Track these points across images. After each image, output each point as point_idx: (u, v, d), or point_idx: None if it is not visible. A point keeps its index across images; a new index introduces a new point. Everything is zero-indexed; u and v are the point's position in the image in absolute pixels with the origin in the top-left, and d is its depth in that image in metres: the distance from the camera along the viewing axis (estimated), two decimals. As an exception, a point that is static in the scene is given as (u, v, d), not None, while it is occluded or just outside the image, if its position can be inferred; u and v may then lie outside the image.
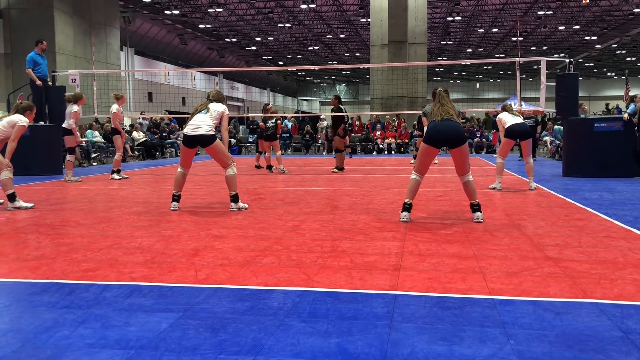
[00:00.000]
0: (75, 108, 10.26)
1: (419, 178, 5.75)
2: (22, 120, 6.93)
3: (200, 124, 6.40)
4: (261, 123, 12.44)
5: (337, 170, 11.96)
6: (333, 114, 12.11)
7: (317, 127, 23.53)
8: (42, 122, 12.03)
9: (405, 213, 5.68)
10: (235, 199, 6.50)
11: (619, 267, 3.77)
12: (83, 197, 7.92)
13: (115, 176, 10.68)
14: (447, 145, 5.67)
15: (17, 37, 21.31)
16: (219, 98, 6.81)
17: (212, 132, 6.42)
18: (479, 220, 5.59)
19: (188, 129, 6.45)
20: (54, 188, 9.21)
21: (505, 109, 8.67)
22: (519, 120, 8.32)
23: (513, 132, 8.25)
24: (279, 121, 12.41)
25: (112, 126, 10.92)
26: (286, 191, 8.47)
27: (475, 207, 5.66)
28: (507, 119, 8.34)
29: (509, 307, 2.97)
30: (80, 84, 13.51)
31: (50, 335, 2.63)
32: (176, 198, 6.64)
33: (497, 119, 8.75)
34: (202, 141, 6.41)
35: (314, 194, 8.12)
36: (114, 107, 10.66)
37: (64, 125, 10.32)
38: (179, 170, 6.63)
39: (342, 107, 12.21)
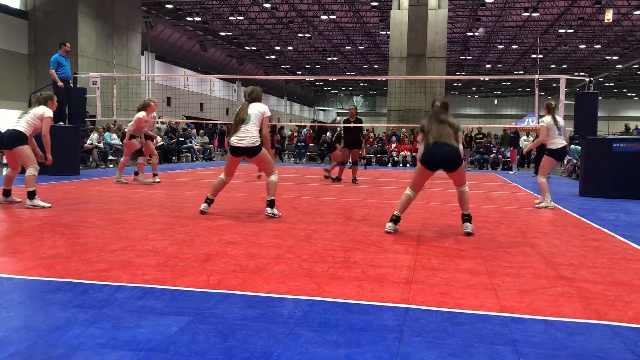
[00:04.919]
0: (140, 114, 10.21)
1: (412, 195, 5.72)
2: (47, 111, 7.05)
3: (245, 135, 6.35)
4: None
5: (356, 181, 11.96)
6: (353, 125, 12.04)
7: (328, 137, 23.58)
8: (61, 123, 12.19)
9: (390, 224, 5.68)
10: (272, 204, 6.52)
11: (634, 289, 3.72)
12: (99, 199, 8.00)
13: (141, 179, 10.65)
14: (442, 169, 5.62)
15: (41, 39, 21.68)
16: (256, 96, 6.64)
17: (257, 143, 6.36)
18: (468, 230, 5.57)
19: (234, 140, 6.40)
20: (71, 188, 9.32)
21: (550, 109, 8.14)
22: (564, 142, 8.13)
23: (563, 154, 8.14)
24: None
25: (146, 130, 10.73)
26: (300, 200, 8.48)
27: (465, 218, 5.66)
28: (555, 139, 8.05)
29: (520, 325, 2.94)
30: (101, 86, 13.67)
31: (62, 333, 2.65)
32: (208, 201, 6.65)
33: (541, 125, 8.17)
34: (247, 152, 6.39)
35: (328, 204, 8.12)
36: (142, 114, 10.31)
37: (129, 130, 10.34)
38: (221, 176, 6.64)
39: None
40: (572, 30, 37.28)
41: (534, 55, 45.35)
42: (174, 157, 20.03)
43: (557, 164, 8.33)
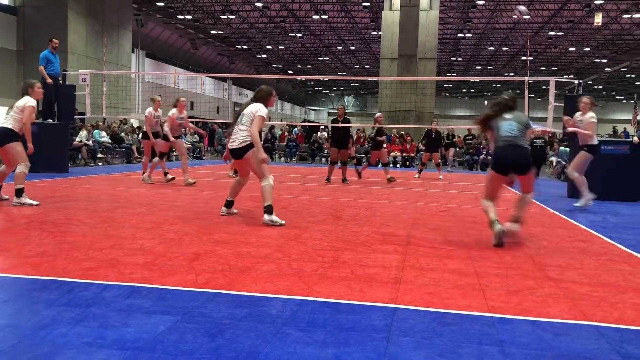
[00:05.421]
0: (170, 112, 9.95)
1: (490, 202, 5.38)
2: (29, 101, 6.89)
3: (236, 136, 6.18)
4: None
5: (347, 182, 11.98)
6: (341, 124, 12.05)
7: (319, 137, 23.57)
8: (50, 120, 12.10)
9: (498, 227, 5.15)
10: (269, 210, 6.01)
11: (620, 290, 3.75)
12: (87, 197, 7.95)
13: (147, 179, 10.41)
14: (513, 172, 5.32)
15: (30, 35, 21.51)
16: (259, 96, 6.38)
17: (246, 143, 6.09)
18: (510, 228, 5.27)
19: (230, 142, 6.28)
20: (59, 186, 9.25)
21: (592, 104, 8.05)
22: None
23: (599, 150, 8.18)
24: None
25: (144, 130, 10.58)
26: (290, 199, 8.47)
27: (514, 220, 5.36)
28: (595, 137, 8.06)
29: (507, 325, 2.96)
30: (90, 84, 13.57)
31: (47, 332, 2.63)
32: (227, 203, 6.58)
33: (593, 121, 8.09)
34: (237, 153, 6.17)
35: (318, 203, 8.12)
36: (148, 110, 10.23)
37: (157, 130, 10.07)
38: (237, 178, 6.61)
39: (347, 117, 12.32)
40: (562, 33, 37.54)
41: (524, 58, 45.64)
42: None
43: (590, 159, 8.38)
